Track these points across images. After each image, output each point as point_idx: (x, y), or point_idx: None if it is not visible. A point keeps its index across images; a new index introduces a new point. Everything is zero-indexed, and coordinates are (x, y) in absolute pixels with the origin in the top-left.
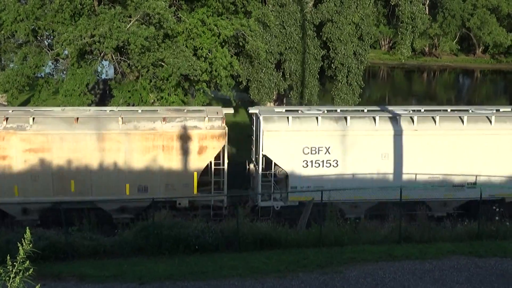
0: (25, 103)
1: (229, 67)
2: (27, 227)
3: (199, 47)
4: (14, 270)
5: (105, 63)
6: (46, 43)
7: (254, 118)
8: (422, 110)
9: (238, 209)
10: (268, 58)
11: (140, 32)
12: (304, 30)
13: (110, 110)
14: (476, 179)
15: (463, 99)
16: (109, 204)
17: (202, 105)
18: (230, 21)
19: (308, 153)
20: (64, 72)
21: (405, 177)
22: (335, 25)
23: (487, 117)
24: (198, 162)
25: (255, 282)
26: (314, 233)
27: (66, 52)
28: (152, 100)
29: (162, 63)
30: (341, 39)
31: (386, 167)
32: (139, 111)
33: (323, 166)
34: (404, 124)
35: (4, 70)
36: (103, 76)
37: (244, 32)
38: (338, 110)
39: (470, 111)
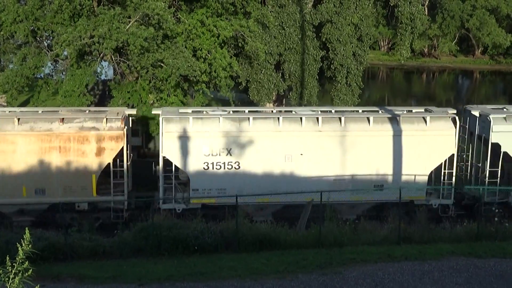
0: (24, 104)
1: (228, 68)
2: (27, 228)
3: (199, 48)
4: (13, 271)
5: (105, 63)
6: (46, 44)
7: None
8: (333, 111)
9: (237, 209)
10: (267, 59)
11: (140, 32)
12: (303, 31)
13: (9, 111)
14: (384, 181)
15: (462, 100)
16: (8, 206)
17: (202, 106)
18: (229, 22)
19: (209, 154)
20: (64, 73)
21: (309, 178)
22: (334, 26)
23: (395, 118)
24: (96, 163)
25: (254, 283)
26: (314, 234)
27: (65, 53)
28: (152, 101)
29: (162, 64)
30: (341, 40)
31: (289, 169)
32: (40, 111)
33: (224, 168)
34: (308, 125)
35: (3, 71)
36: (103, 77)
37: (244, 33)
38: (294, 112)
39: (380, 112)
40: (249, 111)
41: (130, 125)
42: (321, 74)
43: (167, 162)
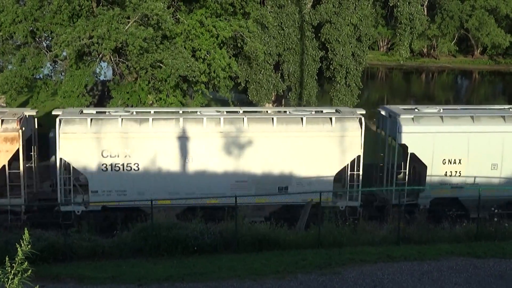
0: (23, 105)
1: (227, 68)
2: (26, 228)
3: (198, 48)
4: (12, 271)
5: (104, 64)
6: (45, 45)
7: None
8: (240, 112)
9: (236, 210)
10: (266, 59)
11: (139, 33)
12: (302, 31)
13: None
14: (289, 183)
15: (461, 100)
16: None
17: (201, 106)
18: (228, 22)
19: (108, 156)
20: (63, 74)
21: (209, 180)
22: (333, 26)
23: (301, 118)
24: None
25: (253, 283)
26: (313, 234)
27: (64, 53)
28: (151, 101)
29: (161, 64)
30: (340, 40)
31: (191, 170)
32: None
33: (123, 170)
34: (210, 126)
35: (2, 72)
36: (102, 78)
37: (243, 33)
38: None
39: (288, 112)
40: (154, 112)
41: (36, 126)
42: (320, 75)
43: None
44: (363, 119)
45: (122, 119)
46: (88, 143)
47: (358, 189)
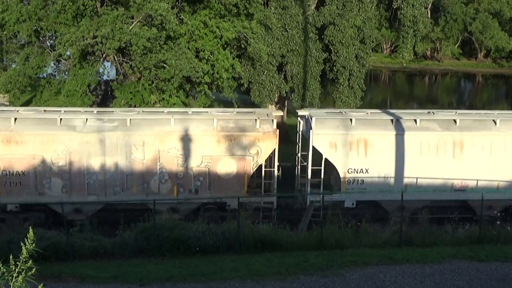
0: (27, 104)
1: (230, 69)
2: (30, 227)
3: (201, 49)
4: (16, 270)
5: (107, 64)
6: (49, 44)
7: None
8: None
9: (239, 211)
10: (269, 60)
11: (142, 33)
12: (306, 32)
13: None
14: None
15: (464, 103)
16: None
17: (204, 107)
18: (232, 23)
19: None
20: (66, 73)
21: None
22: (337, 28)
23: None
24: None
25: (255, 285)
26: (315, 236)
27: (68, 53)
28: (154, 102)
29: (164, 65)
30: (343, 42)
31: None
32: None
33: None
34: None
35: (6, 71)
36: (105, 77)
37: (246, 34)
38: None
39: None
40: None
41: None
42: (324, 76)
43: None
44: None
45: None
46: None
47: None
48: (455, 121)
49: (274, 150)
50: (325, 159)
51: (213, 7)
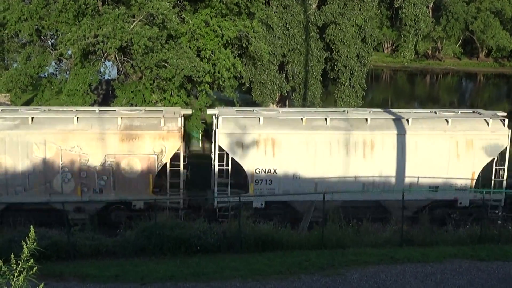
0: (28, 103)
1: (232, 68)
2: (31, 226)
3: (203, 48)
4: (18, 269)
5: (108, 63)
6: (50, 43)
7: None
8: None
9: (241, 210)
10: (271, 59)
11: (144, 32)
12: (307, 32)
13: None
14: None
15: (466, 102)
16: None
17: (205, 107)
18: (233, 22)
19: None
20: (67, 72)
21: None
22: (338, 27)
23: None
24: None
25: (256, 284)
26: (316, 235)
27: (69, 52)
28: (155, 101)
29: (166, 64)
30: (344, 41)
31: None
32: None
33: None
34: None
35: (7, 70)
36: (106, 77)
37: (248, 34)
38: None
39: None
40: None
41: None
42: (325, 76)
43: None
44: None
45: None
46: None
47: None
48: (366, 120)
49: (179, 148)
50: (232, 158)
51: (214, 6)
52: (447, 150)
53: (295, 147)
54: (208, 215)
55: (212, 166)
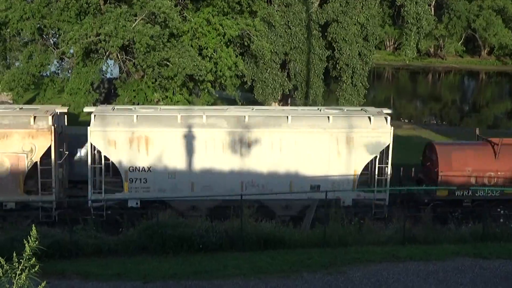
0: (30, 102)
1: (234, 67)
2: (33, 225)
3: (204, 47)
4: (20, 267)
5: (110, 62)
6: (52, 42)
7: None
8: None
9: (242, 208)
10: (273, 58)
11: (146, 31)
12: (309, 30)
13: None
14: None
15: (468, 101)
16: None
17: (207, 105)
18: (235, 21)
19: None
20: (70, 71)
21: None
22: (340, 26)
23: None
24: None
25: (259, 282)
26: (318, 234)
27: (71, 50)
28: (157, 99)
29: (167, 63)
30: (346, 39)
31: None
32: None
33: None
34: None
35: (9, 69)
36: (108, 75)
37: (249, 32)
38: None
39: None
40: None
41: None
42: (327, 74)
43: None
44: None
45: None
46: None
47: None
48: (245, 117)
49: (50, 147)
50: (105, 156)
51: (216, 4)
52: (327, 148)
53: (170, 145)
54: (85, 215)
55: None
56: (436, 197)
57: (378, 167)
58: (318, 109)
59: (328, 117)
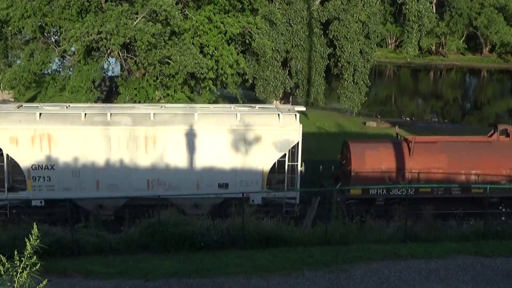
0: (32, 100)
1: (235, 65)
2: (35, 223)
3: (206, 45)
4: (21, 265)
5: (112, 60)
6: (53, 40)
7: None
8: None
9: (244, 206)
10: (274, 56)
11: (147, 29)
12: (310, 28)
13: None
14: None
15: (469, 98)
16: None
17: (208, 103)
18: (236, 19)
19: None
20: (71, 69)
21: None
22: (341, 23)
23: None
24: None
25: (260, 280)
26: (320, 232)
27: (73, 48)
28: (158, 97)
29: (169, 61)
30: (348, 37)
31: None
32: None
33: None
34: None
35: (11, 67)
36: (110, 73)
37: (251, 30)
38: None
39: None
40: None
41: None
42: (328, 72)
43: None
44: None
45: None
46: None
47: None
48: (151, 115)
49: None
50: (7, 155)
51: (217, 2)
52: (235, 146)
53: (73, 142)
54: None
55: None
56: (349, 196)
57: (288, 165)
58: (230, 106)
59: (236, 114)
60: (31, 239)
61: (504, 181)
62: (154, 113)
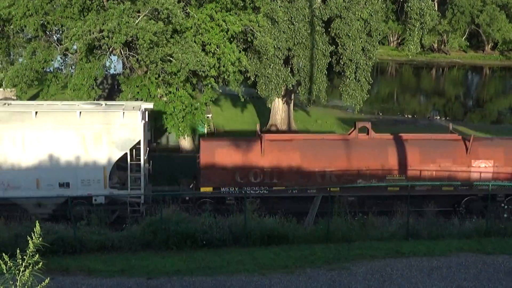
0: (34, 98)
1: (237, 62)
2: (37, 221)
3: (208, 43)
4: (23, 264)
5: (114, 58)
6: (55, 38)
7: None
8: None
9: (246, 204)
10: (276, 53)
11: (149, 27)
12: (312, 25)
13: None
14: None
15: (472, 96)
16: None
17: (210, 101)
18: (238, 17)
19: None
20: (73, 67)
21: None
22: (343, 21)
23: None
24: None
25: (262, 278)
26: (322, 229)
27: (75, 47)
28: (160, 95)
29: (171, 59)
30: (350, 35)
31: None
32: None
33: None
34: None
35: (13, 65)
36: (112, 71)
37: (253, 28)
38: None
39: None
40: None
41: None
42: (330, 69)
43: None
44: None
45: None
46: None
47: None
48: None
49: None
50: None
51: (219, 0)
52: (74, 144)
53: None
54: None
55: None
56: (200, 195)
57: (131, 164)
58: (76, 104)
59: (79, 112)
60: (33, 237)
61: (360, 179)
62: None
